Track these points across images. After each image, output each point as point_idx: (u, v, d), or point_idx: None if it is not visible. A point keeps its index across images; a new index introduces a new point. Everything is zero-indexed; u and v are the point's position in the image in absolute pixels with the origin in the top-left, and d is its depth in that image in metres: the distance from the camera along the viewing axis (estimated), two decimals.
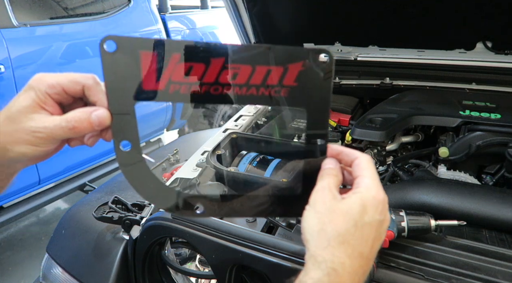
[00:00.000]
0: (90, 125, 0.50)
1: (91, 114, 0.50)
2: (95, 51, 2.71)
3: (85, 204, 1.26)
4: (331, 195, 0.50)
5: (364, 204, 0.49)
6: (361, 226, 0.48)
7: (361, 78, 1.83)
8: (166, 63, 0.48)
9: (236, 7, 1.64)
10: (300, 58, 0.49)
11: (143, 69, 0.48)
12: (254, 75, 0.49)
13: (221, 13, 3.67)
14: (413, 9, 1.47)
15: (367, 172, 0.52)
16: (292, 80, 0.50)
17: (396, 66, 1.79)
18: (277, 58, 0.49)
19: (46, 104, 0.50)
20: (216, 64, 0.48)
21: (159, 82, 0.49)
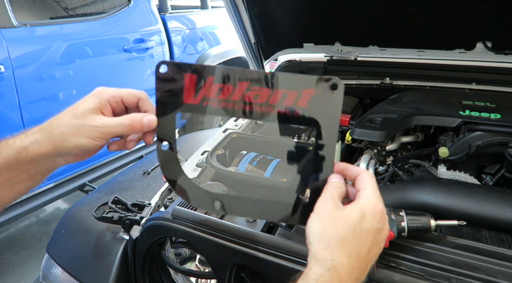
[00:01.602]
0: (142, 125, 0.63)
1: (143, 117, 0.64)
2: (95, 51, 2.71)
3: (85, 204, 1.26)
4: (334, 203, 0.56)
5: (363, 213, 0.55)
6: (359, 232, 0.54)
7: (361, 78, 1.83)
8: (202, 83, 0.61)
9: (236, 7, 1.64)
10: (313, 85, 0.58)
11: (185, 87, 0.61)
12: (272, 97, 0.59)
13: (221, 13, 3.67)
14: (413, 9, 1.47)
15: (368, 185, 0.58)
16: (305, 103, 0.58)
17: (396, 66, 1.79)
18: (293, 83, 0.58)
19: (105, 110, 0.64)
20: (242, 86, 0.60)
21: (196, 98, 0.61)
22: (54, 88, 2.47)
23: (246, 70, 0.60)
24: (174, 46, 3.28)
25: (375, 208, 0.56)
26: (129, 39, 2.91)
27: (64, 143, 0.61)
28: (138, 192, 1.28)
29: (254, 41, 1.78)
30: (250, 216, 0.67)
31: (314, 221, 0.56)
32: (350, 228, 0.54)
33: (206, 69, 0.61)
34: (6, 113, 2.26)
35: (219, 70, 0.60)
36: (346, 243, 0.53)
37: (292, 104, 0.58)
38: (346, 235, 0.53)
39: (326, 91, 0.57)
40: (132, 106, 0.67)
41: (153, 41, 3.06)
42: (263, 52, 1.85)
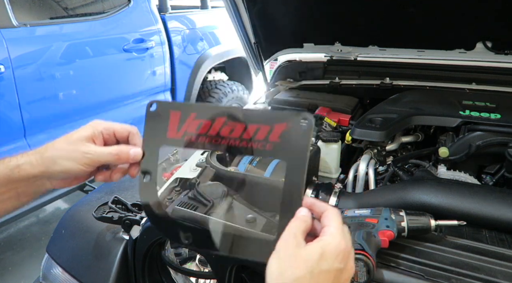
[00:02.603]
0: (128, 157, 0.68)
1: (130, 149, 0.68)
2: (95, 51, 2.71)
3: (85, 204, 1.26)
4: (295, 242, 0.54)
5: (323, 252, 0.53)
6: (317, 273, 0.52)
7: (361, 78, 1.83)
8: (185, 119, 0.66)
9: (236, 7, 1.64)
10: (284, 119, 0.59)
11: (170, 123, 0.66)
12: (246, 131, 0.62)
13: (221, 13, 3.67)
14: (413, 9, 1.47)
15: (333, 222, 0.56)
16: (276, 137, 0.59)
17: (396, 66, 1.79)
18: (266, 118, 0.61)
19: (97, 139, 0.69)
20: (219, 121, 0.63)
21: (178, 133, 0.66)
22: (54, 88, 2.47)
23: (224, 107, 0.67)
24: (174, 46, 3.28)
25: (337, 247, 0.54)
26: (129, 39, 2.91)
27: (54, 165, 0.66)
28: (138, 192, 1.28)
29: (254, 41, 1.78)
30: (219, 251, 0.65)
31: (273, 260, 0.54)
32: (308, 269, 0.52)
33: (190, 107, 0.68)
34: (6, 113, 2.26)
35: (200, 108, 0.67)
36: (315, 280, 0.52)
37: (264, 138, 0.60)
38: (303, 277, 0.51)
39: (297, 126, 0.58)
40: (123, 139, 0.72)
41: (153, 41, 3.05)
42: (263, 52, 1.85)
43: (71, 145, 0.67)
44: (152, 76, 3.12)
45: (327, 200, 0.98)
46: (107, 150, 0.68)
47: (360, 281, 0.69)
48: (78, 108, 2.65)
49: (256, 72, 1.96)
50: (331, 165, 1.22)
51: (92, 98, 2.76)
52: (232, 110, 0.64)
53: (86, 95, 2.69)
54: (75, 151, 0.66)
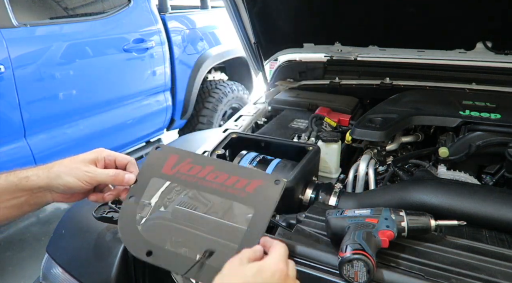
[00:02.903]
0: (122, 180, 0.79)
1: (125, 174, 0.79)
2: (95, 51, 2.71)
3: (85, 204, 1.26)
4: (239, 261, 0.62)
5: (261, 269, 0.60)
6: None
7: (361, 78, 1.83)
8: (181, 161, 0.80)
9: (236, 7, 1.64)
10: (261, 178, 0.74)
11: (167, 162, 0.80)
12: (229, 180, 0.75)
13: (221, 13, 3.67)
14: (413, 9, 1.47)
15: (276, 250, 0.65)
16: (252, 189, 0.73)
17: (396, 66, 1.79)
18: (246, 174, 0.75)
19: (99, 163, 0.80)
20: (208, 168, 0.77)
21: (172, 170, 0.79)
22: (54, 88, 2.47)
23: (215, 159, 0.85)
24: (174, 46, 3.28)
25: (275, 265, 0.61)
26: (129, 39, 2.90)
27: (57, 179, 0.74)
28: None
29: (254, 41, 1.78)
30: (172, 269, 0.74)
31: (217, 277, 0.60)
32: (244, 279, 0.58)
33: (187, 154, 0.81)
34: (6, 113, 2.26)
35: (195, 156, 0.82)
36: None
37: (242, 188, 0.73)
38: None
39: (270, 185, 0.72)
40: (121, 167, 0.82)
41: (153, 41, 3.05)
42: (263, 52, 1.85)
43: (75, 164, 0.76)
44: (152, 76, 3.12)
45: (327, 200, 0.98)
46: (106, 172, 0.78)
47: (360, 281, 0.69)
48: (78, 108, 2.65)
49: (256, 72, 1.96)
50: (331, 165, 1.22)
51: (92, 98, 2.76)
52: (221, 163, 0.81)
53: (86, 95, 2.69)
54: (77, 169, 0.76)
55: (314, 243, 0.82)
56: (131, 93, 3.03)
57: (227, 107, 3.81)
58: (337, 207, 0.96)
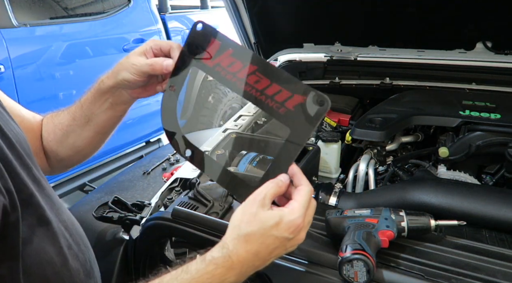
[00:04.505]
0: (161, 67, 0.77)
1: (164, 60, 0.77)
2: (95, 51, 2.71)
3: (85, 204, 1.26)
4: (262, 202, 0.62)
5: (279, 221, 0.61)
6: (267, 236, 0.61)
7: (361, 78, 1.83)
8: (222, 51, 0.71)
9: (236, 7, 1.64)
10: (305, 93, 0.64)
11: (208, 49, 0.72)
12: (269, 88, 0.66)
13: (221, 13, 3.67)
14: (413, 9, 1.47)
15: (301, 198, 0.63)
16: (292, 105, 0.64)
17: (396, 66, 1.79)
18: (290, 85, 0.65)
19: (148, 54, 0.80)
20: (250, 68, 0.68)
21: (212, 61, 0.72)
22: (54, 88, 2.47)
23: (260, 58, 0.70)
24: None
25: (293, 221, 0.61)
26: (129, 39, 2.91)
27: (118, 76, 0.81)
28: (138, 192, 1.28)
29: (254, 41, 1.78)
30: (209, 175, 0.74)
31: (239, 210, 0.64)
32: (261, 230, 0.61)
33: (230, 43, 0.71)
34: None
35: (238, 48, 0.71)
36: (251, 240, 0.61)
37: (282, 101, 0.65)
38: (255, 234, 0.61)
39: (314, 104, 0.63)
40: (167, 53, 0.80)
41: None
42: (263, 52, 1.85)
43: (127, 59, 0.80)
44: None
45: (327, 200, 0.98)
46: (146, 61, 0.78)
47: (360, 281, 0.69)
48: None
49: None
50: (331, 165, 1.22)
51: None
52: (265, 64, 0.68)
53: None
54: (127, 63, 0.79)
55: (314, 243, 0.82)
56: None
57: (227, 107, 3.81)
58: (337, 207, 0.96)
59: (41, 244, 0.63)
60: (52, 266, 0.64)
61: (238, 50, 0.70)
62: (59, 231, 0.68)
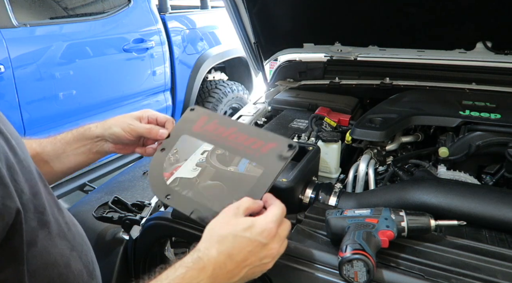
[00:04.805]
0: (157, 133, 0.90)
1: (160, 129, 0.91)
2: (95, 51, 2.71)
3: (85, 204, 1.26)
4: (235, 210, 0.66)
5: (252, 225, 0.64)
6: (240, 237, 0.63)
7: (361, 78, 1.83)
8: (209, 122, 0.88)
9: (236, 7, 1.64)
10: (276, 141, 0.78)
11: (198, 122, 0.90)
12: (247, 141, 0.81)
13: (221, 13, 3.67)
14: (413, 9, 1.47)
15: (274, 210, 0.68)
16: (266, 150, 0.78)
17: (396, 66, 1.79)
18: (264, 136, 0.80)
19: (143, 120, 0.92)
20: (231, 129, 0.85)
21: (200, 129, 0.89)
22: (54, 88, 2.47)
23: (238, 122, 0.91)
24: (174, 46, 3.28)
25: (266, 225, 0.64)
26: (129, 39, 2.91)
27: (108, 129, 0.90)
28: (138, 192, 1.28)
29: (254, 41, 1.78)
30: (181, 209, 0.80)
31: (213, 220, 0.67)
32: (233, 232, 0.63)
33: (216, 115, 0.91)
34: (6, 113, 2.23)
35: (222, 118, 0.92)
36: (223, 241, 0.62)
37: (257, 148, 0.79)
38: (227, 236, 0.63)
39: (284, 148, 0.76)
40: (161, 124, 0.94)
41: (153, 41, 3.05)
42: (263, 52, 1.85)
43: (123, 118, 0.91)
44: (152, 76, 3.12)
45: (327, 200, 0.98)
46: (144, 125, 0.91)
47: (360, 281, 0.69)
48: (78, 108, 2.65)
49: (256, 72, 1.96)
50: (331, 165, 1.22)
51: (92, 98, 2.76)
52: (243, 126, 0.89)
53: (86, 95, 2.68)
54: (123, 122, 0.90)
55: (314, 243, 0.82)
56: (131, 93, 3.03)
57: (227, 107, 3.81)
58: (337, 207, 0.96)
59: (45, 247, 0.64)
60: (57, 268, 0.65)
61: (222, 120, 0.90)
62: (61, 233, 0.69)
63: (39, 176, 0.69)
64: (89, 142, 0.93)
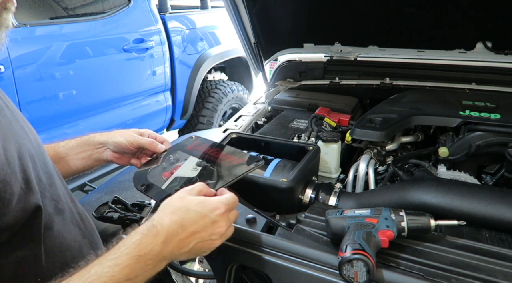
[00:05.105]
0: (156, 147, 1.01)
1: (159, 144, 1.02)
2: (95, 51, 2.71)
3: (85, 204, 1.26)
4: (190, 190, 0.74)
5: (204, 202, 0.71)
6: (192, 211, 0.69)
7: (361, 78, 1.83)
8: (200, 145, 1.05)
9: (236, 7, 1.64)
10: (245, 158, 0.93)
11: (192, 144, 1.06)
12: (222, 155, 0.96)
13: (221, 13, 3.67)
14: (413, 9, 1.47)
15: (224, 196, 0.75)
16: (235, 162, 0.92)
17: (396, 66, 1.79)
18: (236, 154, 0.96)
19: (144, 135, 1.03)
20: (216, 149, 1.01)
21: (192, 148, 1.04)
22: (54, 88, 2.47)
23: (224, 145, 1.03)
24: (174, 46, 3.28)
25: (216, 204, 0.71)
26: (129, 39, 2.91)
27: (112, 138, 1.00)
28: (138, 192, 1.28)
29: (254, 41, 1.78)
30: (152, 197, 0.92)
31: (169, 198, 0.73)
32: (186, 206, 0.69)
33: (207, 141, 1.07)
34: None
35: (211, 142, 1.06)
36: (176, 212, 0.68)
37: (230, 161, 0.93)
38: (180, 208, 0.69)
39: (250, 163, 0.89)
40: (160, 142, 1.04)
41: (153, 41, 3.06)
42: (263, 52, 1.85)
43: (127, 131, 1.02)
44: (152, 76, 3.12)
45: (327, 200, 0.98)
46: (146, 139, 1.01)
47: (360, 281, 0.69)
48: (78, 108, 2.65)
49: (256, 72, 1.96)
50: (331, 165, 1.22)
51: (92, 98, 2.76)
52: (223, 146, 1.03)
53: (86, 95, 2.69)
54: (127, 133, 1.00)
55: (314, 243, 0.82)
56: (131, 93, 3.03)
57: (227, 107, 3.81)
58: (337, 207, 0.96)
59: (60, 231, 0.73)
60: (70, 251, 0.73)
61: (211, 143, 1.05)
62: (74, 221, 0.79)
63: (55, 170, 0.80)
64: (91, 148, 1.01)
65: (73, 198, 0.83)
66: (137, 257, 0.63)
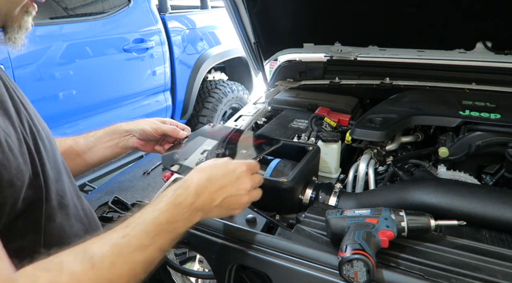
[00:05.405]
0: (178, 133, 1.07)
1: (181, 131, 1.08)
2: (95, 51, 2.71)
3: None
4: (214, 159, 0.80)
5: (228, 161, 0.78)
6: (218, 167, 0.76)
7: (361, 78, 1.83)
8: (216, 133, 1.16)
9: (236, 7, 1.64)
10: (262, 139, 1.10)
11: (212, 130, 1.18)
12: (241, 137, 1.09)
13: (221, 13, 3.67)
14: (413, 9, 1.47)
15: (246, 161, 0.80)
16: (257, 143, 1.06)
17: (396, 66, 1.79)
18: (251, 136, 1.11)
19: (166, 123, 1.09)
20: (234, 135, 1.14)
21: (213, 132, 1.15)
22: (54, 88, 2.47)
23: None
24: (174, 46, 3.28)
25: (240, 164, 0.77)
26: (129, 39, 2.91)
27: (137, 125, 1.06)
28: (138, 192, 1.28)
29: (254, 41, 1.78)
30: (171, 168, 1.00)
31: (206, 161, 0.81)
32: (212, 165, 0.77)
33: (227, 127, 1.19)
34: None
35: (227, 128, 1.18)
36: (204, 170, 0.75)
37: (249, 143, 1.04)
38: (206, 168, 0.76)
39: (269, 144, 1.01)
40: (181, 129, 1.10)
41: (153, 41, 3.05)
42: (263, 52, 1.85)
43: (150, 119, 1.08)
44: (152, 76, 3.12)
45: (327, 200, 0.98)
46: (169, 126, 1.07)
47: (360, 281, 0.69)
48: (78, 108, 2.65)
49: (256, 72, 1.96)
50: (331, 165, 1.22)
51: (92, 98, 2.76)
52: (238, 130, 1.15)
53: (86, 95, 2.69)
54: (151, 122, 1.06)
55: (314, 243, 0.82)
56: (131, 93, 3.03)
57: (227, 107, 3.81)
58: (337, 207, 0.96)
59: (61, 225, 0.76)
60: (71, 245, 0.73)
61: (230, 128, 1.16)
62: (78, 217, 0.82)
63: (65, 167, 0.83)
64: (118, 136, 1.07)
65: (80, 195, 0.87)
66: (174, 204, 0.69)
